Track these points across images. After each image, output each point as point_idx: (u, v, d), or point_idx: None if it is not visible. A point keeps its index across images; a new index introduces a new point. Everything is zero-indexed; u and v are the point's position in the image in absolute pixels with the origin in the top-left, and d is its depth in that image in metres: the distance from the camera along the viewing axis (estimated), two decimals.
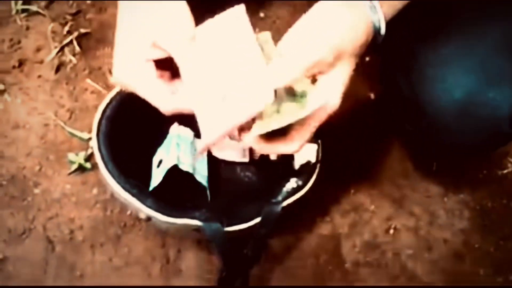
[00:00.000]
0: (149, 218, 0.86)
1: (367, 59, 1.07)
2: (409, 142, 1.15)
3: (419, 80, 0.88)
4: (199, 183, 1.00)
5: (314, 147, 0.90)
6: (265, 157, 1.02)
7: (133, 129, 0.93)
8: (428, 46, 0.86)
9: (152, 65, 0.72)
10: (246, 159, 1.00)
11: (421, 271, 1.06)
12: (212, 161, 1.04)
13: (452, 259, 1.07)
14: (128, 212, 1.05)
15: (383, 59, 1.03)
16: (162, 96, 0.73)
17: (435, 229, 1.10)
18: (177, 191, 1.00)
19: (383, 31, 0.71)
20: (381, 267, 1.05)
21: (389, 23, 0.72)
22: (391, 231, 1.09)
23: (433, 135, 0.92)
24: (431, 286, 1.02)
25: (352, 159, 1.15)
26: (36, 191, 1.06)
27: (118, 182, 0.85)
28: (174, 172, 1.01)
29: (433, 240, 1.09)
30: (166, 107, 0.73)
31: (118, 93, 0.90)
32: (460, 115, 0.84)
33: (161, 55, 0.72)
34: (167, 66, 0.74)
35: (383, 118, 1.12)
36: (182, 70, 0.72)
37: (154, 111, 0.90)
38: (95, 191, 1.06)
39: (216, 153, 1.00)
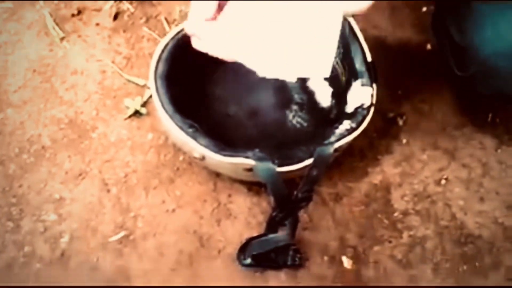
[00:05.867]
0: (203, 158, 0.87)
1: (424, 9, 1.06)
2: (463, 92, 1.14)
3: (470, 26, 0.86)
4: (251, 128, 1.01)
5: (369, 90, 0.90)
6: (317, 104, 1.03)
7: (189, 70, 0.94)
8: None
9: None
10: None
11: (471, 223, 1.05)
12: (263, 109, 1.05)
13: (504, 211, 1.06)
14: (181, 158, 1.07)
15: (435, 6, 1.01)
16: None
17: (488, 181, 1.09)
18: (230, 133, 1.01)
19: None
20: (430, 217, 1.05)
21: None
22: (443, 182, 1.08)
23: (483, 82, 0.90)
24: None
25: (406, 109, 1.14)
26: (93, 135, 1.08)
27: (174, 121, 0.86)
28: (227, 115, 1.04)
29: (485, 192, 1.08)
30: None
31: (173, 38, 0.92)
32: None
33: None
34: None
35: (438, 69, 1.11)
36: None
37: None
38: (149, 136, 1.09)
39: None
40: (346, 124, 0.89)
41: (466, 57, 0.89)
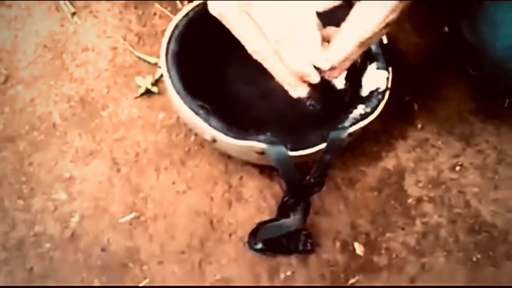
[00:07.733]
0: (214, 140, 0.86)
1: None
2: (478, 89, 1.13)
3: (482, 26, 0.85)
4: (263, 109, 1.00)
5: (384, 73, 0.88)
6: (331, 86, 1.01)
7: (201, 50, 0.93)
8: None
9: None
10: None
11: (486, 211, 1.03)
12: (276, 89, 1.03)
13: None
14: (193, 138, 1.06)
15: (446, 4, 1.00)
16: None
17: (503, 168, 1.07)
18: (242, 114, 1.00)
19: None
20: (444, 204, 1.04)
21: None
22: (457, 168, 1.07)
23: (496, 81, 0.89)
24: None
25: (421, 93, 1.13)
26: (104, 113, 1.07)
27: (185, 103, 0.85)
28: (239, 96, 1.02)
29: (500, 180, 1.06)
30: None
31: (185, 15, 0.90)
32: None
33: None
34: None
35: (455, 53, 1.09)
36: None
37: (222, 32, 0.90)
38: (161, 115, 1.07)
39: None
40: (361, 109, 0.87)
41: (479, 57, 0.88)
